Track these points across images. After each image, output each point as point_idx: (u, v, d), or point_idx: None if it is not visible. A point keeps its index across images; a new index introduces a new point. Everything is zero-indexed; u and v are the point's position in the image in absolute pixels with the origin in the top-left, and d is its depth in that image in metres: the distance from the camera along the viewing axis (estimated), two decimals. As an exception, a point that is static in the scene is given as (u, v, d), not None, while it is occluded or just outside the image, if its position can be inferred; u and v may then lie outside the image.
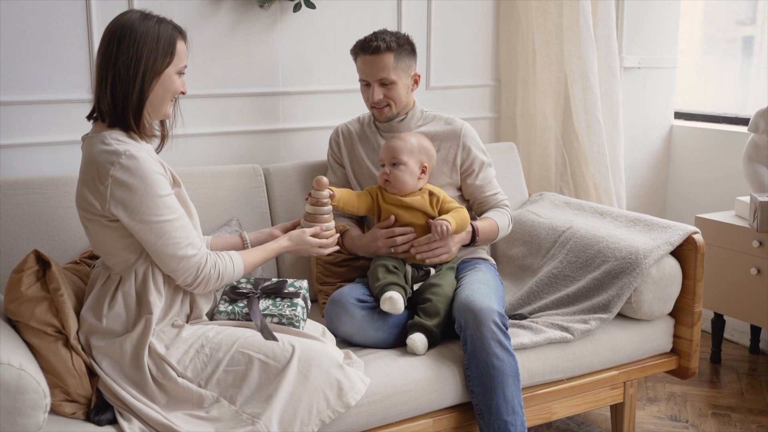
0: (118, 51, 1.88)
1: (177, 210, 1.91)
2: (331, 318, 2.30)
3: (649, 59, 3.62)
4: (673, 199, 3.79)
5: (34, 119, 2.58)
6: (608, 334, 2.50)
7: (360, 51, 2.51)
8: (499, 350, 2.15)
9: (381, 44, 2.46)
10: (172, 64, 1.94)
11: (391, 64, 2.48)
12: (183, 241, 1.90)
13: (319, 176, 2.21)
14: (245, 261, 2.04)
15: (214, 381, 1.92)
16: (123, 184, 1.83)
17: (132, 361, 1.90)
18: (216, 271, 1.96)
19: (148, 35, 1.89)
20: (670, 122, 3.76)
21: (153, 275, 1.95)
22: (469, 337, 2.17)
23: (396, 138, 2.46)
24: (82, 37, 2.60)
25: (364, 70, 2.52)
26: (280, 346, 1.95)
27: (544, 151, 3.34)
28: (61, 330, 1.90)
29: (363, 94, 2.57)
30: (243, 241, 2.28)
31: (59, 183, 2.40)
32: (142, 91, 1.90)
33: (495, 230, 2.56)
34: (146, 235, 1.87)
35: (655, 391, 3.09)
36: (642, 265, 2.45)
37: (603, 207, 2.87)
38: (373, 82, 2.50)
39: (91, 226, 1.93)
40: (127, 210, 1.85)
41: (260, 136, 2.96)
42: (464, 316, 2.20)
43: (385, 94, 2.51)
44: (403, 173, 2.40)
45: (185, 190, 2.04)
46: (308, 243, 2.16)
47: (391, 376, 2.13)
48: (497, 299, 2.29)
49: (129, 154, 1.84)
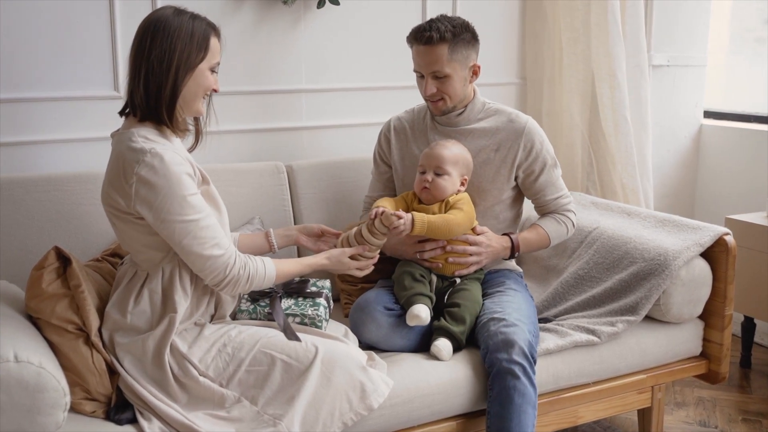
0: (152, 45, 1.87)
1: (203, 209, 1.88)
2: (357, 324, 2.25)
3: (678, 57, 3.57)
4: (702, 200, 3.73)
5: (57, 116, 2.58)
6: (636, 337, 2.45)
7: (414, 40, 2.33)
8: (524, 381, 2.06)
9: (434, 35, 2.27)
10: (205, 59, 1.92)
11: (446, 57, 2.29)
12: (209, 241, 1.87)
13: (388, 212, 2.12)
14: (278, 269, 2.01)
15: (235, 381, 1.90)
16: (147, 183, 1.82)
17: (154, 359, 1.89)
18: (246, 272, 1.93)
19: (182, 29, 1.88)
20: (700, 121, 3.71)
21: (180, 274, 1.93)
22: (495, 361, 2.08)
23: (441, 146, 2.31)
24: (106, 33, 2.60)
25: (417, 61, 2.34)
26: (303, 347, 1.93)
27: (571, 150, 3.30)
28: (81, 327, 1.89)
29: (418, 85, 2.40)
30: (268, 239, 2.26)
31: (82, 180, 2.40)
32: (175, 85, 1.88)
33: (544, 242, 2.45)
34: (171, 235, 1.86)
35: (684, 396, 3.04)
36: (671, 266, 2.40)
37: (631, 207, 2.82)
38: (426, 75, 2.33)
39: (118, 222, 1.93)
40: (151, 209, 1.84)
41: (284, 133, 2.95)
42: (492, 340, 2.11)
43: (438, 88, 2.33)
44: (446, 183, 2.28)
45: (215, 188, 2.01)
46: (346, 265, 2.13)
47: (414, 379, 2.10)
48: (529, 324, 2.18)
49: (154, 152, 1.83)
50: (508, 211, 2.49)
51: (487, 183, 2.42)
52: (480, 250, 2.33)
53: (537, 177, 2.43)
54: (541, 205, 2.49)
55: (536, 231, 2.45)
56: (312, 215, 2.70)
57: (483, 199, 2.43)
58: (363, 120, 3.04)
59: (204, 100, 1.98)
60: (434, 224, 2.19)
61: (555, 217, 2.48)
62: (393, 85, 3.09)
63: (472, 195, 2.39)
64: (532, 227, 2.47)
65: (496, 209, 2.45)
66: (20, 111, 2.53)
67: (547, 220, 2.48)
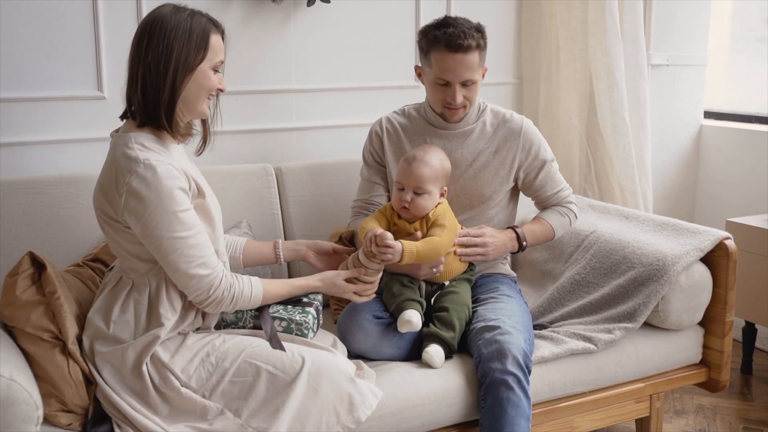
0: (148, 46, 1.80)
1: (193, 226, 1.82)
2: (345, 333, 2.20)
3: (678, 56, 3.55)
4: (703, 203, 3.70)
5: (38, 117, 2.53)
6: (634, 345, 2.41)
7: (445, 47, 2.19)
8: (518, 393, 2.01)
9: (471, 42, 2.18)
10: (206, 59, 1.84)
11: (477, 63, 2.23)
12: (196, 259, 1.82)
13: (384, 233, 2.03)
14: (266, 291, 1.95)
15: (219, 392, 1.85)
16: (137, 195, 1.77)
17: (134, 369, 1.84)
18: (230, 294, 1.88)
19: (179, 29, 1.80)
20: (700, 122, 3.69)
21: (167, 288, 1.88)
22: (488, 370, 2.03)
23: (420, 163, 2.19)
24: (88, 31, 2.54)
25: (447, 70, 2.21)
26: (290, 357, 1.88)
27: (568, 151, 3.27)
28: (58, 335, 1.85)
29: (435, 93, 2.28)
30: (276, 251, 2.21)
31: (63, 183, 2.35)
32: (173, 88, 1.81)
33: (549, 233, 2.42)
34: (157, 249, 1.80)
35: (683, 403, 2.98)
36: (670, 272, 2.35)
37: (629, 210, 2.78)
38: (455, 83, 2.24)
39: (106, 227, 1.88)
40: (139, 221, 1.78)
41: (272, 134, 2.90)
42: (486, 348, 2.06)
43: (464, 95, 2.27)
44: (426, 202, 2.19)
45: (211, 202, 1.95)
46: (341, 288, 2.06)
47: (403, 389, 2.05)
48: (524, 332, 2.13)
49: (148, 163, 1.77)
50: (502, 213, 2.45)
51: (485, 187, 2.38)
52: (485, 240, 2.28)
53: (536, 175, 2.41)
54: (542, 200, 2.47)
55: (540, 223, 2.43)
56: (301, 219, 2.67)
57: (481, 202, 2.39)
58: (355, 121, 2.99)
59: (208, 101, 1.91)
60: (423, 252, 2.13)
61: (557, 209, 2.46)
62: (386, 85, 3.06)
63: (469, 200, 2.36)
64: (536, 220, 2.45)
65: (491, 212, 2.41)
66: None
67: (550, 212, 2.46)
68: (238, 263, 2.18)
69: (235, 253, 2.17)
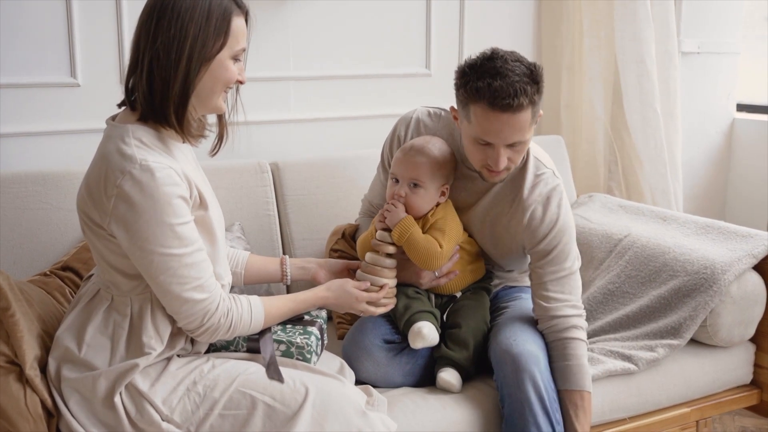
0: (158, 29, 1.57)
1: (191, 243, 1.61)
2: (351, 360, 2.02)
3: (709, 43, 3.38)
4: (734, 203, 3.56)
5: (3, 106, 2.34)
6: (678, 364, 2.26)
7: (488, 105, 1.81)
8: (542, 419, 1.88)
9: (523, 101, 1.80)
10: (226, 46, 1.62)
11: (529, 122, 1.85)
12: (191, 281, 1.61)
13: None
14: (267, 313, 1.76)
15: (206, 427, 1.67)
16: (129, 201, 1.56)
17: (106, 400, 1.64)
18: (227, 321, 1.69)
19: (195, 10, 1.58)
20: (732, 115, 3.55)
21: (152, 311, 1.67)
22: (510, 395, 1.89)
23: (417, 151, 1.98)
24: (60, 10, 2.35)
25: (491, 132, 1.84)
26: (291, 387, 1.70)
27: (592, 146, 3.12)
28: (13, 360, 1.65)
29: (474, 152, 1.92)
30: (282, 268, 2.02)
31: (29, 180, 2.21)
32: (186, 81, 1.59)
33: None
34: (147, 267, 1.60)
35: (724, 425, 2.80)
36: (720, 281, 2.20)
37: (666, 211, 2.64)
38: (499, 146, 1.87)
39: (88, 232, 1.68)
40: (128, 232, 1.57)
41: (268, 126, 2.74)
42: (509, 368, 1.89)
43: (509, 157, 1.90)
44: (421, 199, 1.98)
45: (214, 213, 1.74)
46: (352, 296, 1.87)
47: (419, 419, 1.91)
48: None
49: (145, 165, 1.55)
50: (517, 262, 2.18)
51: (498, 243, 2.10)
52: None
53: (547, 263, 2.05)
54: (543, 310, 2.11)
55: None
56: (300, 221, 2.52)
57: (494, 246, 2.10)
58: (360, 112, 2.87)
59: (224, 94, 1.70)
60: (414, 244, 1.95)
61: (570, 343, 2.02)
62: (394, 73, 2.91)
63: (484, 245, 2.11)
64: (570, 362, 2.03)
65: (505, 260, 2.15)
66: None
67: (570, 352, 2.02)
68: (239, 279, 1.99)
69: (236, 268, 1.98)
